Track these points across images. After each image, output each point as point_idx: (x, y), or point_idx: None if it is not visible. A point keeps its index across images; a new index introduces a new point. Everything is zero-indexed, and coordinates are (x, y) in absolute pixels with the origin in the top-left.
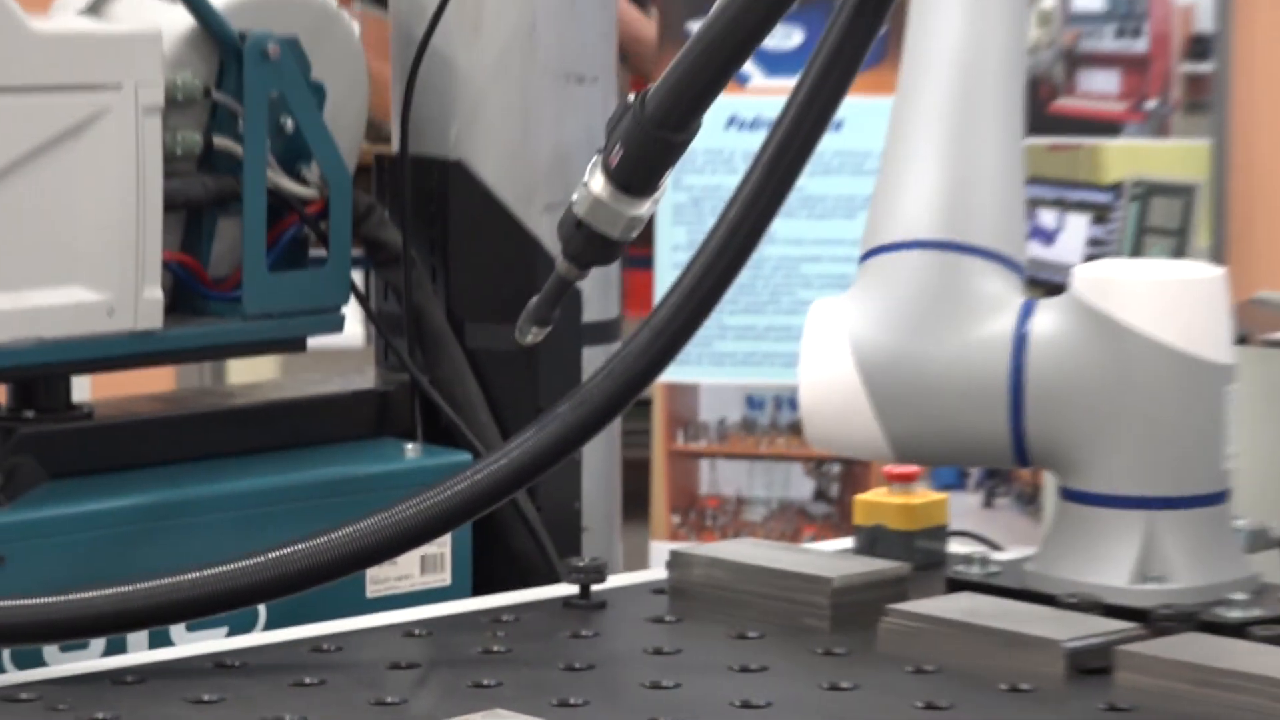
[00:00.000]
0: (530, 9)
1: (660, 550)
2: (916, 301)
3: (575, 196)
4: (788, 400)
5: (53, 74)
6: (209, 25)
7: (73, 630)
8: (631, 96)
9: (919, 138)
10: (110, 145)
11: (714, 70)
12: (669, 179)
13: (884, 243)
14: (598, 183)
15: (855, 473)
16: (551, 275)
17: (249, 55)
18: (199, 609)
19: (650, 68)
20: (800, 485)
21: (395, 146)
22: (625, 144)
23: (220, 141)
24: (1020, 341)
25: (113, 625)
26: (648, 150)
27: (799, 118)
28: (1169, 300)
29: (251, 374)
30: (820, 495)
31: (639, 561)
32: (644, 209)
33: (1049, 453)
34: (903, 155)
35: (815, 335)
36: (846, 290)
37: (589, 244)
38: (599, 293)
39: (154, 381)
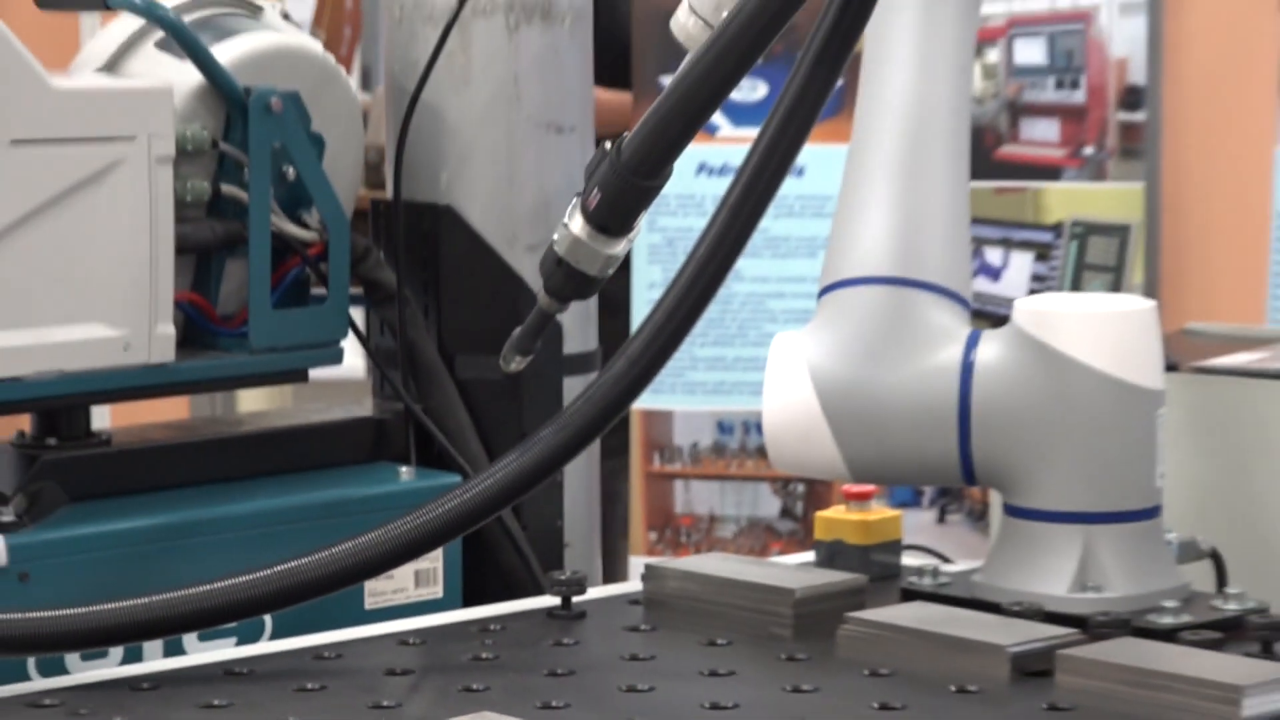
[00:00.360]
0: (514, 65)
1: (639, 565)
2: (870, 333)
3: (556, 236)
4: (755, 425)
5: (73, 127)
6: (216, 81)
7: (97, 639)
8: (608, 144)
9: (872, 182)
10: (125, 193)
11: (685, 121)
12: (643, 220)
13: (840, 279)
14: (577, 224)
15: (818, 492)
16: (534, 309)
17: (253, 109)
18: (215, 618)
19: None
20: (768, 504)
21: (390, 192)
22: (602, 189)
23: (227, 189)
24: (967, 370)
25: (135, 634)
26: (623, 195)
27: (762, 164)
28: (1103, 331)
29: (260, 403)
30: (786, 513)
31: (620, 576)
32: (620, 248)
33: (994, 472)
34: (857, 199)
35: (778, 366)
36: (807, 324)
37: (568, 280)
38: (579, 327)
39: (169, 410)
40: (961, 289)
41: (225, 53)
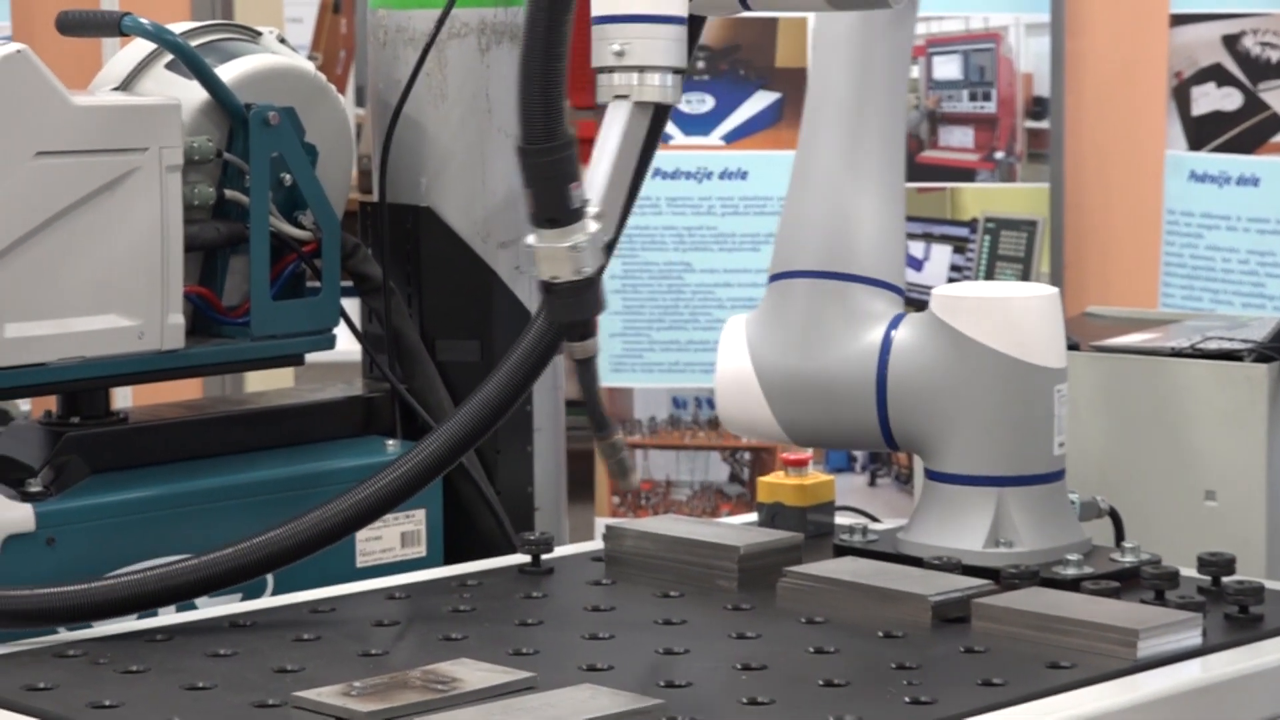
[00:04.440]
0: (485, 80)
1: (603, 526)
2: (805, 317)
3: (530, 270)
4: (707, 401)
5: (92, 140)
6: (220, 98)
7: (126, 607)
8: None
9: (814, 185)
10: (139, 198)
11: (533, 82)
12: (593, 212)
13: (784, 270)
14: (529, 238)
15: (763, 459)
16: (577, 376)
17: (254, 122)
18: (217, 584)
19: None
20: (718, 470)
21: (376, 196)
22: (526, 185)
23: (230, 194)
24: (885, 349)
25: (149, 603)
26: (539, 174)
27: None
28: (1000, 315)
29: (266, 384)
30: (734, 478)
31: (587, 535)
32: (578, 239)
33: (911, 439)
34: (802, 198)
35: (726, 344)
36: (754, 308)
37: (563, 302)
38: None
39: (185, 390)
40: (893, 278)
41: (228, 73)
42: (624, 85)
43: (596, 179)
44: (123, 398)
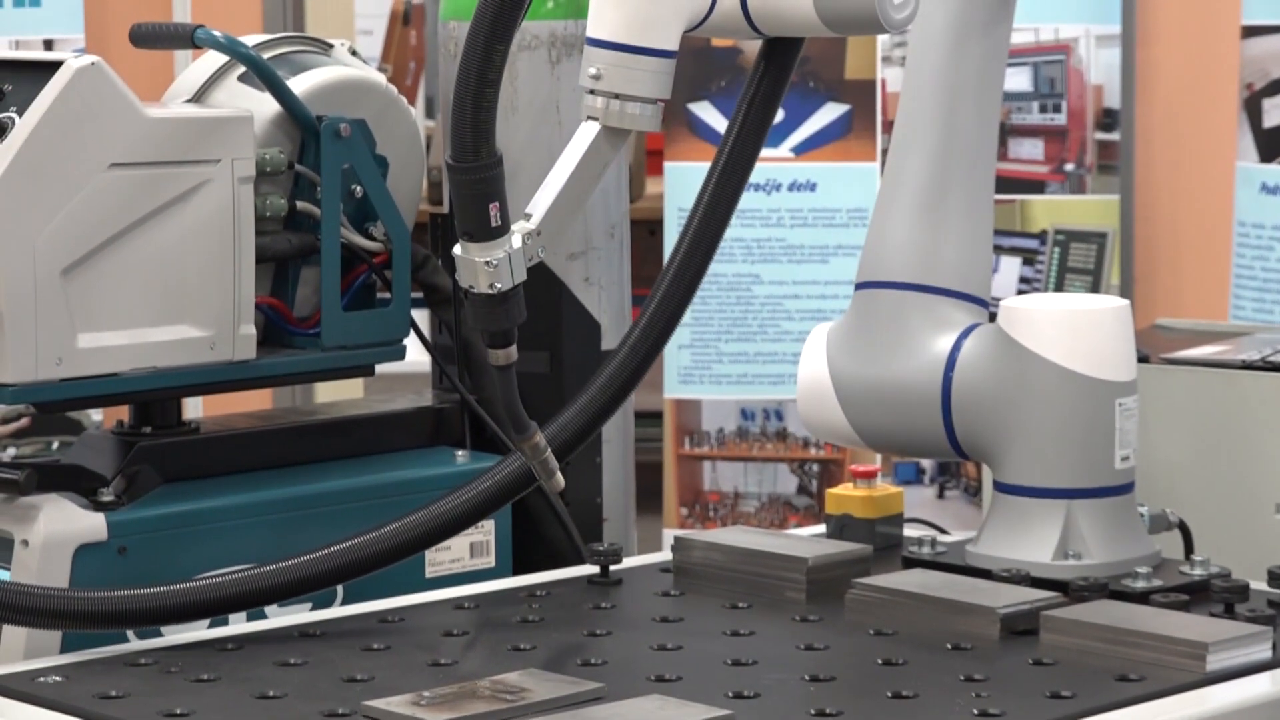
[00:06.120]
0: (555, 93)
1: (670, 537)
2: (882, 326)
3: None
4: (775, 412)
5: (165, 151)
6: (292, 110)
7: (190, 613)
8: None
9: (903, 197)
10: (211, 209)
11: (465, 104)
12: (521, 230)
13: (869, 280)
14: (455, 246)
15: (831, 470)
16: (495, 378)
17: (325, 134)
18: (290, 591)
19: None
20: (786, 482)
21: (446, 207)
22: (452, 199)
23: (302, 205)
24: (952, 358)
25: (223, 608)
26: (461, 190)
27: (709, 211)
28: (1059, 327)
29: (336, 394)
30: (802, 490)
31: (655, 546)
32: (494, 255)
33: (977, 449)
34: (890, 209)
35: (808, 350)
36: (823, 320)
37: (478, 310)
38: (614, 326)
39: (256, 401)
40: (978, 291)
41: (300, 85)
42: (596, 108)
43: (544, 197)
44: (193, 408)
